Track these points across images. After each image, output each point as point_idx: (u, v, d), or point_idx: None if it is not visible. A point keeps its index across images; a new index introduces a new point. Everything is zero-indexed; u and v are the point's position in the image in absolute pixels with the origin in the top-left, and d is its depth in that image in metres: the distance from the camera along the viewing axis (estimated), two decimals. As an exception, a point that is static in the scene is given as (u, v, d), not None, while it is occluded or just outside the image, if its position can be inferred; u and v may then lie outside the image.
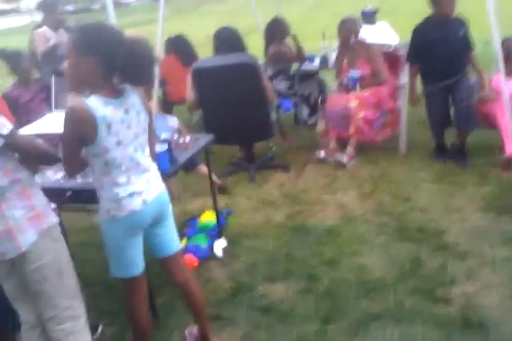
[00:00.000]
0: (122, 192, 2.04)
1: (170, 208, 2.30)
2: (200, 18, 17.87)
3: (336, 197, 3.90)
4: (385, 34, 5.92)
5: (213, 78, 4.15)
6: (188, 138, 3.21)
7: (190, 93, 4.43)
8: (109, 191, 2.04)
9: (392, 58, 4.69)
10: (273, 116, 4.48)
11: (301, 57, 5.57)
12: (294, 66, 5.63)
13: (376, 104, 4.44)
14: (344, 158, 4.39)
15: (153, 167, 2.20)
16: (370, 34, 5.30)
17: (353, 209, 3.69)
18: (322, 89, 5.53)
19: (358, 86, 4.54)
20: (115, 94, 1.99)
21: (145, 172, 2.13)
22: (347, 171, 4.33)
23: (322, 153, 4.54)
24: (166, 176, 2.72)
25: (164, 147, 2.76)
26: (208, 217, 3.63)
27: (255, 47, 6.14)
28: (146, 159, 2.14)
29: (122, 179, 2.04)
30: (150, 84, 2.12)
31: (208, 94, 4.27)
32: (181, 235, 3.51)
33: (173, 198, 3.98)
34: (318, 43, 5.72)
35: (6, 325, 2.41)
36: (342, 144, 4.58)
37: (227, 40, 4.26)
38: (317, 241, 3.31)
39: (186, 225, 3.70)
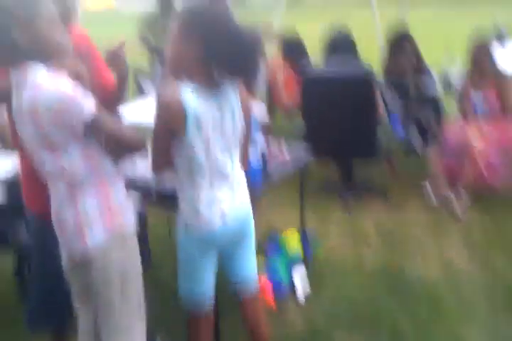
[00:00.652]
0: (202, 197, 1.81)
1: (252, 226, 2.02)
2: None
3: (441, 246, 3.42)
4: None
5: (325, 91, 3.84)
6: (285, 151, 2.89)
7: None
8: (189, 195, 1.83)
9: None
10: (381, 135, 4.08)
11: (418, 66, 5.00)
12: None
13: (502, 146, 3.86)
14: (457, 208, 3.85)
15: (241, 177, 1.94)
16: (503, 59, 4.68)
17: (459, 266, 3.18)
18: (440, 116, 4.99)
19: (483, 120, 4.00)
20: (212, 85, 1.75)
21: (230, 180, 1.87)
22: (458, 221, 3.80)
23: (427, 186, 4.03)
24: (256, 195, 2.43)
25: (258, 163, 2.46)
26: (292, 236, 3.25)
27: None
28: (233, 166, 1.89)
29: (203, 183, 1.81)
30: (251, 77, 1.82)
31: (315, 105, 3.97)
32: (259, 249, 3.24)
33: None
34: (440, 57, 5.13)
35: (64, 323, 2.22)
36: (453, 182, 4.05)
37: (342, 47, 3.97)
38: (412, 299, 2.85)
39: (266, 239, 3.37)
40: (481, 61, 4.05)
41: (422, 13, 18.04)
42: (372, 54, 5.22)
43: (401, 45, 5.08)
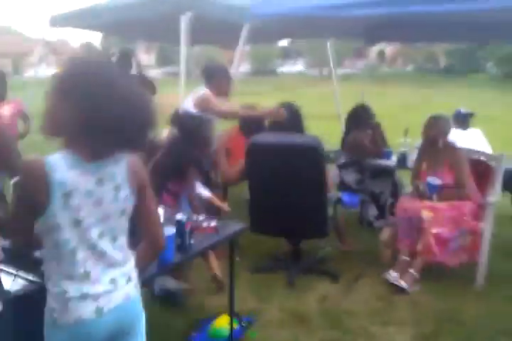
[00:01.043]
0: (72, 289, 1.48)
1: (141, 324, 1.68)
2: (292, 98, 18.01)
3: (387, 333, 3.07)
4: (477, 142, 5.19)
5: (270, 157, 3.62)
6: (213, 223, 2.64)
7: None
8: (56, 284, 1.49)
9: (481, 170, 3.96)
10: (330, 211, 3.84)
11: (378, 150, 4.98)
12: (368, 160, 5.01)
13: (454, 221, 3.63)
14: (403, 283, 3.57)
15: (129, 263, 1.63)
16: (460, 139, 4.63)
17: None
18: (396, 190, 4.85)
19: (435, 195, 3.81)
20: (92, 155, 1.47)
21: (112, 267, 1.56)
22: (406, 298, 3.48)
23: (393, 274, 3.64)
24: (165, 269, 2.21)
25: (171, 230, 2.19)
26: (225, 322, 2.94)
27: (331, 133, 5.66)
28: (117, 250, 1.58)
29: (76, 271, 1.49)
30: (139, 150, 1.58)
31: (259, 173, 3.72)
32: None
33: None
34: (399, 139, 5.11)
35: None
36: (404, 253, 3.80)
37: (290, 118, 3.83)
38: None
39: (196, 327, 3.03)
40: (432, 132, 3.92)
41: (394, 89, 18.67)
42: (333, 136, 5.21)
43: (358, 117, 5.08)
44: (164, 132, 5.36)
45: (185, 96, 4.30)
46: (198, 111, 3.88)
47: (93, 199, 1.48)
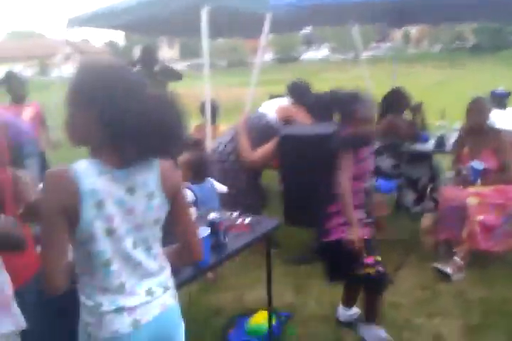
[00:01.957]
0: (107, 302, 1.40)
1: (180, 333, 1.61)
2: (316, 84, 17.78)
3: (433, 325, 2.95)
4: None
5: (302, 148, 3.50)
6: (247, 219, 2.56)
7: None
8: (91, 298, 1.41)
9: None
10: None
11: (414, 134, 4.82)
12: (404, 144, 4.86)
13: (501, 207, 3.48)
14: (448, 269, 3.44)
15: (165, 271, 1.56)
16: (499, 120, 4.45)
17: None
18: (434, 174, 4.68)
19: (479, 180, 3.65)
20: (120, 162, 1.38)
21: (148, 278, 1.49)
22: (452, 286, 3.35)
23: (449, 270, 3.46)
24: (202, 270, 2.13)
25: (206, 231, 2.11)
26: (262, 318, 2.88)
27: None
28: (152, 259, 1.50)
29: (111, 283, 1.41)
30: (168, 157, 1.50)
31: (292, 165, 3.61)
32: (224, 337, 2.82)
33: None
34: (436, 122, 4.93)
35: None
36: (448, 243, 3.68)
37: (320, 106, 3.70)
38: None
39: (233, 324, 2.97)
40: (475, 115, 3.76)
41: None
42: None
43: (392, 99, 4.92)
44: (192, 127, 5.31)
45: (209, 88, 4.23)
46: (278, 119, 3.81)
47: (125, 207, 1.40)
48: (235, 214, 2.68)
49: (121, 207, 1.39)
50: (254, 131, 3.79)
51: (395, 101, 4.91)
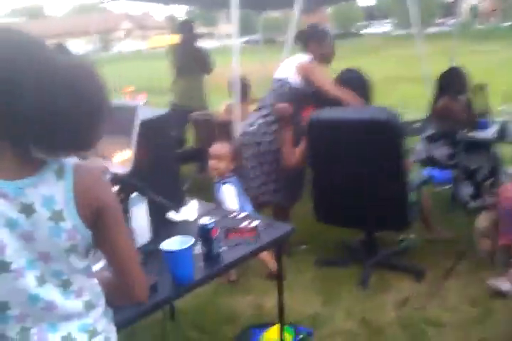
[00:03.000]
0: None
1: None
2: (375, 61, 16.91)
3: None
4: None
5: (334, 135, 3.00)
6: (255, 223, 2.11)
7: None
8: None
9: None
10: (413, 196, 3.18)
11: (474, 119, 4.20)
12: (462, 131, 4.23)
13: None
14: (506, 285, 2.87)
15: (94, 311, 1.15)
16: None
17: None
18: (495, 166, 4.06)
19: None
20: (8, 169, 0.99)
21: (66, 321, 1.09)
22: (507, 303, 2.79)
23: (506, 286, 2.86)
24: (182, 291, 1.71)
25: (188, 241, 1.67)
26: (277, 334, 2.44)
27: (417, 98, 4.94)
28: (72, 298, 1.10)
29: (11, 330, 1.04)
30: (85, 149, 1.07)
31: (323, 154, 3.11)
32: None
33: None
34: (499, 107, 4.28)
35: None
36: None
37: (357, 87, 3.16)
38: None
39: (246, 336, 2.56)
40: None
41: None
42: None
43: (449, 79, 4.33)
44: (223, 106, 4.88)
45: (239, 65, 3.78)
46: (302, 81, 3.27)
47: (19, 232, 1.00)
48: (242, 215, 2.24)
49: (13, 232, 0.99)
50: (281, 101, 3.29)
51: (452, 81, 4.31)
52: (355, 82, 3.32)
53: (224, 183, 2.98)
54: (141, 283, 1.21)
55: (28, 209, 1.00)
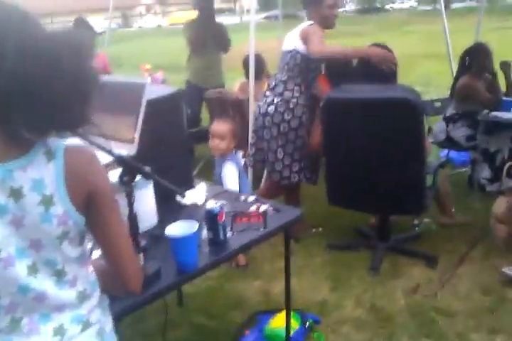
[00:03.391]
0: None
1: None
2: (397, 37, 16.51)
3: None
4: None
5: (350, 115, 2.91)
6: (264, 207, 2.07)
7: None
8: None
9: None
10: (429, 179, 3.11)
11: (496, 99, 4.07)
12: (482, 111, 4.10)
13: None
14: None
15: (88, 301, 1.12)
16: None
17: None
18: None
19: None
20: (1, 150, 0.96)
21: (59, 311, 1.07)
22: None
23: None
24: (185, 278, 1.69)
25: (192, 227, 1.64)
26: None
27: (440, 75, 4.78)
28: (65, 288, 1.07)
29: (1, 321, 1.01)
30: (71, 129, 1.03)
31: (338, 135, 3.04)
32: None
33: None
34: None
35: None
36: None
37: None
38: None
39: (253, 322, 2.55)
40: None
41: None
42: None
43: (475, 59, 4.19)
44: (237, 84, 4.80)
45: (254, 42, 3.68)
46: (306, 46, 3.13)
47: (8, 218, 0.97)
48: (251, 198, 2.20)
49: (2, 219, 0.96)
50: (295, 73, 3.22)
51: (476, 58, 4.17)
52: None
53: (226, 161, 2.91)
54: (135, 271, 1.18)
55: (16, 194, 0.96)
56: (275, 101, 3.25)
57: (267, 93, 3.36)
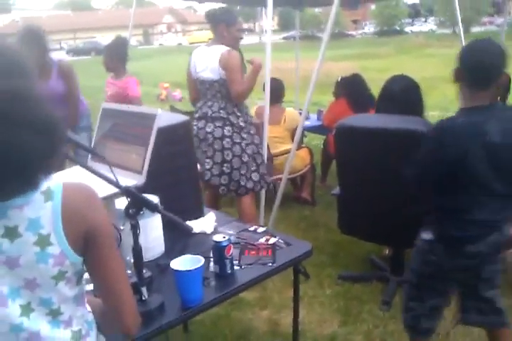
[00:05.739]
0: None
1: None
2: (416, 60, 16.53)
3: None
4: None
5: (365, 145, 2.86)
6: (273, 240, 2.02)
7: None
8: None
9: None
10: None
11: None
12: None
13: None
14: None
15: (88, 338, 1.10)
16: None
17: None
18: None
19: None
20: None
21: None
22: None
23: None
24: (188, 314, 1.62)
25: (197, 261, 1.59)
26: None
27: (455, 98, 4.69)
28: (61, 327, 1.04)
29: None
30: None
31: (352, 164, 2.98)
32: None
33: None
34: None
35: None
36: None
37: (403, 95, 2.96)
38: None
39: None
40: None
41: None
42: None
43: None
44: (255, 107, 4.76)
45: (270, 64, 3.64)
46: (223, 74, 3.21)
47: (2, 259, 0.95)
48: (261, 230, 2.15)
49: None
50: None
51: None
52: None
53: None
54: (132, 312, 1.14)
55: (12, 233, 0.94)
56: None
57: None
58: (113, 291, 1.11)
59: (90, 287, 1.42)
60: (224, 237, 1.79)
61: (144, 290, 1.56)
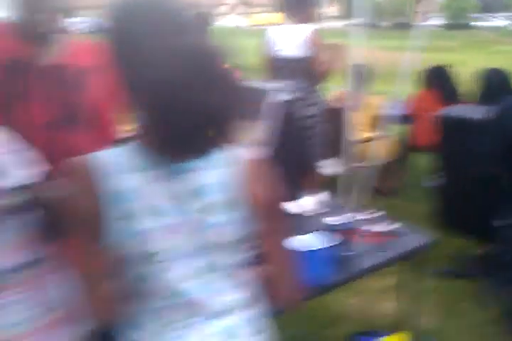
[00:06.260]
0: None
1: None
2: (488, 56, 15.91)
3: None
4: None
5: (466, 135, 2.73)
6: (390, 226, 1.93)
7: None
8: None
9: None
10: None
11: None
12: None
13: None
14: None
15: (255, 305, 1.06)
16: None
17: None
18: None
19: None
20: (171, 151, 0.91)
21: (216, 319, 0.99)
22: None
23: None
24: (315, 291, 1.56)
25: (333, 240, 1.53)
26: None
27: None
28: (229, 293, 1.01)
29: (153, 326, 0.95)
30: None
31: (454, 155, 2.85)
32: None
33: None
34: None
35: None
36: None
37: (499, 86, 2.84)
38: None
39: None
40: None
41: None
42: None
43: None
44: (333, 92, 4.64)
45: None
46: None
47: (169, 222, 0.93)
48: (377, 214, 2.05)
49: (162, 220, 0.92)
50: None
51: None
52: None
53: None
54: (292, 283, 1.13)
55: (181, 196, 0.93)
56: None
57: None
58: (279, 260, 1.10)
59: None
60: (340, 220, 1.72)
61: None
